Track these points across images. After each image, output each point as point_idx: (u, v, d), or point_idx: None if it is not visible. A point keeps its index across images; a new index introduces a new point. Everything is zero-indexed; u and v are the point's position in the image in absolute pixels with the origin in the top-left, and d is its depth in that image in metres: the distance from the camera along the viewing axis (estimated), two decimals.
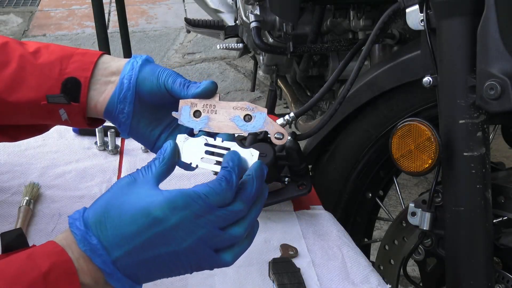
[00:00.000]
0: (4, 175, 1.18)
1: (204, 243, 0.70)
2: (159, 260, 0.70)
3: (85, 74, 0.87)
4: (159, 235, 0.69)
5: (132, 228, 0.68)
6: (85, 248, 0.68)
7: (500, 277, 1.12)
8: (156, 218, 0.68)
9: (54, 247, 0.69)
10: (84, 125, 0.91)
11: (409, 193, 2.41)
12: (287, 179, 1.12)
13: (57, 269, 0.67)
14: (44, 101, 0.87)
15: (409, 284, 1.69)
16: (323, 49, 1.64)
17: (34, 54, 0.89)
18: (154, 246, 0.69)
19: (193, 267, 0.72)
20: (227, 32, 2.25)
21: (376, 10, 1.60)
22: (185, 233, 0.69)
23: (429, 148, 1.00)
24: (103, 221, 0.69)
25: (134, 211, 0.69)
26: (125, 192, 0.70)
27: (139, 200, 0.69)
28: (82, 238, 0.69)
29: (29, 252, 0.68)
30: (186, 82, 0.84)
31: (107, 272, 0.69)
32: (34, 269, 0.65)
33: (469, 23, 0.96)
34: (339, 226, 1.12)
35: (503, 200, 1.09)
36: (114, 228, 0.69)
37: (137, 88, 0.87)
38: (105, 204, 0.70)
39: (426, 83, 1.04)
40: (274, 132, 0.81)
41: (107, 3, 4.13)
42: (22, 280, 0.65)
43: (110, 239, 0.69)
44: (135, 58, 0.89)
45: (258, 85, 3.16)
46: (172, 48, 3.70)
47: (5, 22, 4.11)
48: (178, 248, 0.69)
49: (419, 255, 1.21)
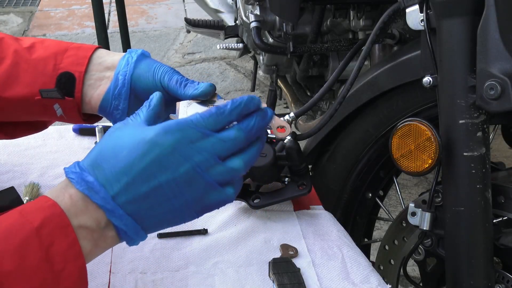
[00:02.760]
0: (4, 175, 1.18)
1: (203, 171, 0.68)
2: (159, 193, 0.68)
3: (79, 69, 0.87)
4: (156, 161, 0.67)
5: (128, 159, 0.67)
6: (83, 188, 0.67)
7: (500, 277, 1.12)
8: (150, 142, 0.66)
9: (46, 201, 0.67)
10: (80, 120, 0.91)
11: (409, 193, 2.41)
12: (287, 179, 1.12)
13: (50, 223, 0.65)
14: (38, 96, 0.87)
15: (409, 284, 1.69)
16: (323, 49, 1.64)
17: (29, 49, 0.88)
18: (152, 174, 0.67)
19: (197, 203, 0.70)
20: (227, 32, 2.25)
21: (376, 10, 1.60)
22: (182, 158, 0.67)
23: (429, 148, 1.00)
24: (99, 162, 0.68)
25: (128, 144, 0.67)
26: (117, 135, 0.69)
27: (133, 135, 0.68)
28: (78, 179, 0.67)
29: (20, 209, 0.66)
30: (183, 80, 0.83)
31: (107, 208, 0.67)
32: (25, 225, 0.64)
33: (469, 23, 0.96)
34: (339, 226, 1.12)
35: (503, 200, 1.09)
36: (110, 165, 0.67)
37: (132, 84, 0.86)
38: (98, 149, 0.69)
39: (426, 83, 1.04)
40: (276, 126, 0.81)
41: (107, 3, 4.13)
42: (14, 235, 0.63)
43: (107, 176, 0.67)
44: (130, 53, 0.88)
45: (258, 85, 3.16)
46: (172, 48, 3.70)
47: (5, 22, 4.11)
48: (176, 174, 0.67)
49: (419, 255, 1.21)
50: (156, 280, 0.96)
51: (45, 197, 0.68)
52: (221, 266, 1.00)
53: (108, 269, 0.97)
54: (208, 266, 0.99)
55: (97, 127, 1.27)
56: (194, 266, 0.99)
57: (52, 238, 0.64)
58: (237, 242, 1.04)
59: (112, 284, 0.95)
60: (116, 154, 0.68)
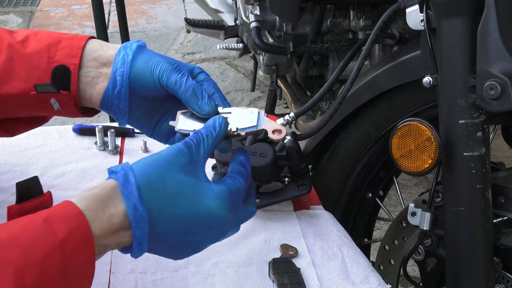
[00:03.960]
0: (4, 175, 1.18)
1: (237, 225, 0.79)
2: (190, 242, 0.75)
3: (74, 61, 0.86)
4: (206, 226, 0.73)
5: (185, 212, 0.71)
6: (132, 216, 0.69)
7: (500, 277, 1.12)
8: (210, 213, 0.72)
9: (72, 208, 0.67)
10: (78, 114, 0.90)
11: (409, 193, 2.41)
12: (287, 179, 1.12)
13: (74, 235, 0.65)
14: (34, 91, 0.86)
15: (409, 284, 1.69)
16: (323, 49, 1.64)
17: (23, 42, 0.87)
18: (197, 233, 0.74)
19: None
20: (227, 32, 2.25)
21: (376, 10, 1.60)
22: (230, 226, 0.77)
23: (429, 148, 1.00)
24: (159, 199, 0.70)
25: (189, 200, 0.71)
26: (181, 180, 0.72)
27: (195, 192, 0.72)
28: (131, 205, 0.68)
29: (45, 216, 0.65)
30: (183, 82, 0.82)
31: (139, 243, 0.70)
32: (49, 237, 0.63)
33: (469, 23, 0.96)
34: (339, 226, 1.12)
35: (503, 200, 1.09)
36: (167, 209, 0.70)
37: (130, 84, 0.85)
38: (162, 184, 0.71)
39: (426, 83, 1.04)
40: (271, 129, 0.81)
41: (107, 3, 4.13)
42: (38, 248, 0.63)
43: (160, 216, 0.70)
44: (125, 49, 0.86)
45: (258, 85, 3.16)
46: (172, 48, 3.70)
47: (5, 22, 4.11)
48: (217, 235, 0.76)
49: (419, 255, 1.21)
50: (156, 280, 0.96)
51: (71, 203, 0.67)
52: (221, 266, 1.00)
53: (108, 269, 0.97)
54: (208, 266, 0.99)
55: (97, 127, 1.27)
56: (194, 266, 0.99)
57: (74, 251, 0.65)
58: (237, 242, 1.04)
59: (112, 284, 0.95)
60: (177, 202, 0.71)
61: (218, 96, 0.87)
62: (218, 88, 0.88)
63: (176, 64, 0.84)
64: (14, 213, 0.84)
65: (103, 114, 2.81)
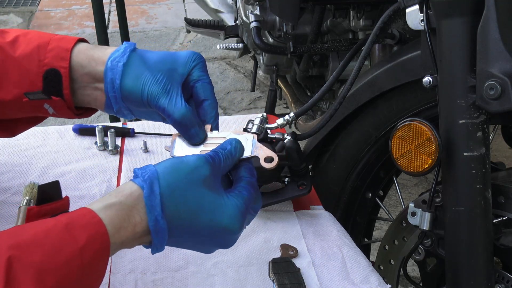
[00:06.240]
0: (4, 175, 1.18)
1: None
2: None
3: (63, 64, 0.85)
4: (221, 239, 0.77)
5: (203, 224, 0.74)
6: (152, 228, 0.72)
7: (500, 277, 1.12)
8: (225, 228, 0.76)
9: (92, 217, 0.69)
10: (73, 116, 0.90)
11: (409, 193, 2.41)
12: (287, 179, 1.12)
13: (94, 243, 0.67)
14: (26, 98, 0.86)
15: (409, 284, 1.69)
16: (323, 49, 1.64)
17: (13, 44, 0.86)
18: (213, 243, 0.78)
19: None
20: (227, 32, 2.25)
21: (376, 10, 1.60)
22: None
23: (429, 148, 1.00)
24: (180, 207, 0.73)
25: (209, 213, 0.75)
26: (202, 194, 0.75)
27: (214, 204, 0.75)
28: (153, 219, 0.71)
29: (66, 222, 0.67)
30: (170, 108, 0.83)
31: (157, 249, 0.74)
32: (70, 243, 0.65)
33: (469, 23, 0.96)
34: (339, 226, 1.12)
35: (503, 200, 1.09)
36: (187, 222, 0.74)
37: (126, 102, 0.86)
38: (183, 197, 0.73)
39: (426, 83, 1.04)
40: (263, 157, 0.83)
41: (107, 3, 4.13)
42: (59, 253, 0.65)
43: (180, 228, 0.74)
44: (112, 70, 0.84)
45: (258, 85, 3.16)
46: (172, 48, 3.70)
47: (5, 22, 4.11)
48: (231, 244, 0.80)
49: (419, 255, 1.21)
50: (156, 280, 0.96)
51: (91, 211, 0.69)
52: (221, 266, 1.00)
53: (108, 269, 0.97)
54: (208, 266, 0.99)
55: (97, 127, 1.28)
56: (194, 266, 0.99)
57: (92, 259, 0.67)
58: (237, 242, 1.03)
59: (112, 284, 0.95)
60: (197, 217, 0.74)
61: (208, 104, 0.87)
62: (211, 90, 0.88)
63: (164, 82, 0.84)
64: (33, 215, 0.86)
65: (103, 114, 2.81)
